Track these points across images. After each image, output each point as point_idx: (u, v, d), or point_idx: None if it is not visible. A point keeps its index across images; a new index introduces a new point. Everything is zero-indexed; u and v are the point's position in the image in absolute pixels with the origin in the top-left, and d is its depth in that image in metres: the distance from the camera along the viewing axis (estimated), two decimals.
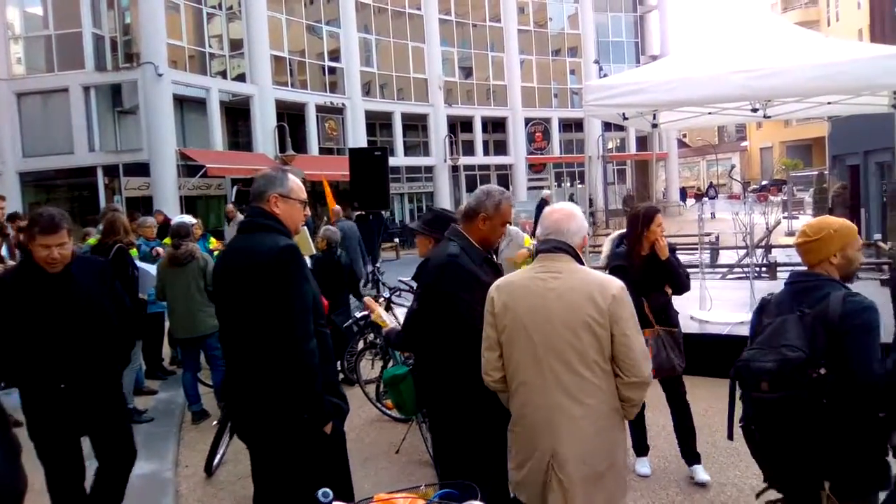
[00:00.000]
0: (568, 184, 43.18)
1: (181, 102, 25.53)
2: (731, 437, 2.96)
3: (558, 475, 2.75)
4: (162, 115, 23.66)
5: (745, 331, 3.22)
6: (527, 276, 2.94)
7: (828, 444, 2.51)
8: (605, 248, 5.57)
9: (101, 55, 24.40)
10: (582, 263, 2.93)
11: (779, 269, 12.84)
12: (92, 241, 8.19)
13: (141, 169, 23.88)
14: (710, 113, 9.93)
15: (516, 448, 2.97)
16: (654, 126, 10.95)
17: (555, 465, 2.76)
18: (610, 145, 43.23)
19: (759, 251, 13.67)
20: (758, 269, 12.53)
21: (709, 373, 6.02)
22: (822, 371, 2.51)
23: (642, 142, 43.26)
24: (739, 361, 2.74)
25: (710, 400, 5.97)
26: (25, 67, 24.63)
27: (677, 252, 5.24)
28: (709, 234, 15.95)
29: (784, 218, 21.94)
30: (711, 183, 54.00)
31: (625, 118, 9.95)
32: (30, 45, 24.71)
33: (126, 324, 3.91)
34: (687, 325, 6.18)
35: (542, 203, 18.75)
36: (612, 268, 4.92)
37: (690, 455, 4.96)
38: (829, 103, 9.34)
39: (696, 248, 11.10)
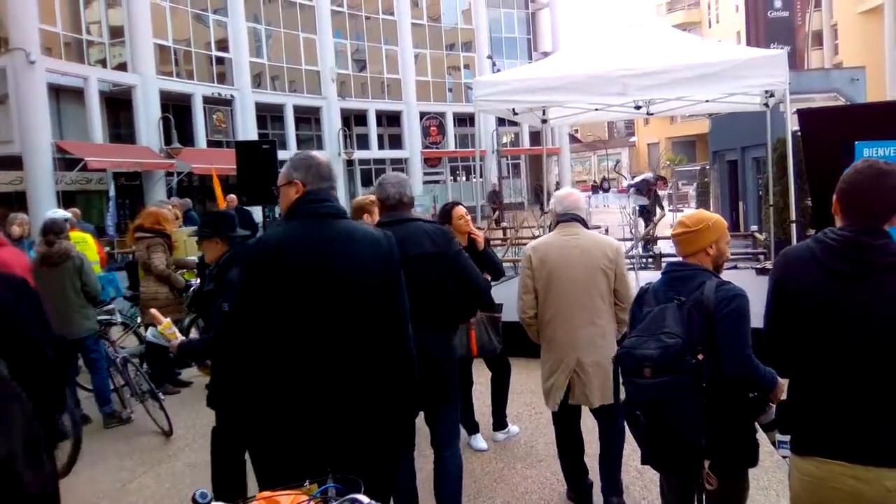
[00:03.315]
0: (463, 178, 43.59)
1: (56, 92, 24.25)
2: None
3: (580, 375, 4.03)
4: (35, 105, 22.39)
5: None
6: (555, 238, 4.16)
7: (707, 425, 2.61)
8: None
9: None
10: (588, 228, 4.24)
11: (663, 259, 13.34)
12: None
13: (13, 162, 22.51)
14: (596, 109, 10.23)
15: (546, 364, 4.17)
16: (544, 122, 11.21)
17: (578, 368, 4.03)
18: (504, 140, 43.86)
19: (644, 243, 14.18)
20: (643, 259, 12.98)
21: None
22: (700, 357, 2.60)
23: (535, 137, 44.11)
24: (622, 349, 2.81)
25: None
26: None
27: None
28: (598, 227, 16.42)
29: (669, 211, 22.84)
30: (605, 177, 55.75)
31: (515, 113, 10.17)
32: None
33: (61, 358, 3.02)
34: None
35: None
36: None
37: (500, 422, 5.61)
38: (707, 101, 9.81)
39: None
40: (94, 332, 6.51)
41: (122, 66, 26.69)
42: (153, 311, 3.97)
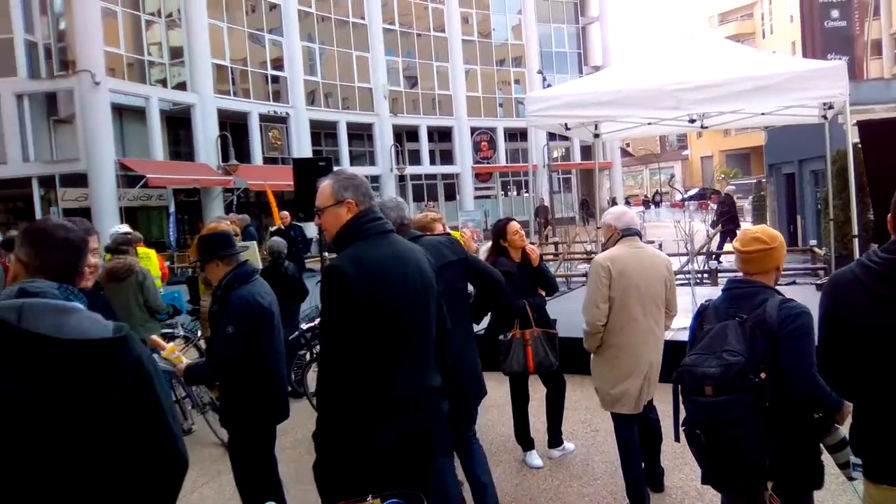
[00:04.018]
0: (514, 193, 43.56)
1: (120, 111, 25.00)
2: (677, 438, 3.07)
3: (650, 376, 4.43)
4: (100, 124, 23.14)
5: (685, 336, 3.29)
6: (625, 251, 4.46)
7: (770, 445, 2.57)
8: (481, 258, 5.90)
9: (35, 62, 23.75)
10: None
11: (720, 275, 13.11)
12: None
13: (79, 180, 23.31)
14: (649, 123, 10.13)
15: (619, 370, 4.41)
16: (596, 136, 11.13)
17: (648, 371, 4.41)
18: (555, 154, 43.73)
19: (701, 258, 13.95)
20: (699, 275, 12.78)
21: None
22: (763, 375, 2.57)
23: (587, 151, 43.87)
24: (682, 366, 2.79)
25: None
26: None
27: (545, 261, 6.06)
28: (652, 242, 16.23)
29: (705, 223, 22.44)
30: (657, 191, 55.03)
31: (567, 128, 10.11)
32: None
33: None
34: None
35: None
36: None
37: (555, 439, 5.54)
38: (763, 114, 9.64)
39: None
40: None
41: (181, 86, 27.44)
42: (154, 336, 4.04)
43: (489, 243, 5.75)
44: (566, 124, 9.85)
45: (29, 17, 23.71)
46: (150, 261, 8.33)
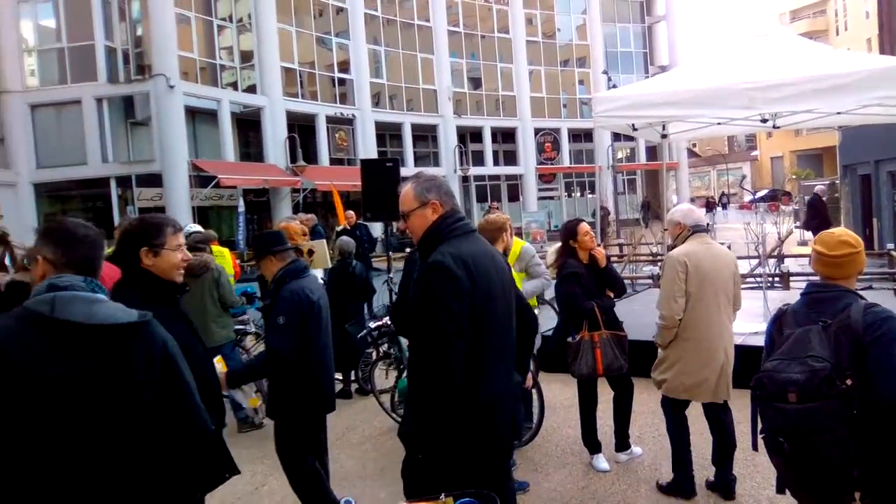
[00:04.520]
0: (578, 194, 43.21)
1: (193, 114, 25.70)
2: (755, 447, 3.02)
3: (724, 367, 4.56)
4: (174, 126, 23.86)
5: (759, 341, 3.21)
6: (698, 246, 4.61)
7: (858, 454, 2.51)
8: (549, 259, 5.79)
9: (114, 67, 24.64)
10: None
11: (792, 278, 12.80)
12: (109, 250, 8.15)
13: (154, 180, 24.07)
14: (718, 123, 9.93)
15: (696, 361, 4.54)
16: (664, 137, 10.96)
17: (724, 362, 4.55)
18: (620, 155, 43.23)
19: (772, 261, 13.62)
20: (771, 278, 12.49)
21: None
22: (849, 382, 2.52)
23: (652, 151, 43.23)
24: (762, 372, 2.74)
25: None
26: (39, 80, 24.88)
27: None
28: (722, 244, 15.96)
29: (796, 228, 21.85)
30: (724, 192, 53.86)
31: (634, 129, 10.00)
32: (43, 58, 24.95)
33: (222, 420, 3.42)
34: None
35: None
36: (566, 274, 5.28)
37: (622, 442, 5.50)
38: (838, 113, 9.34)
39: None
40: (231, 341, 6.79)
41: (251, 89, 28.09)
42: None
43: (557, 244, 5.72)
44: (633, 125, 9.74)
45: (109, 24, 24.64)
46: (224, 258, 8.56)
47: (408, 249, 9.41)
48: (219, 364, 3.91)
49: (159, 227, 2.98)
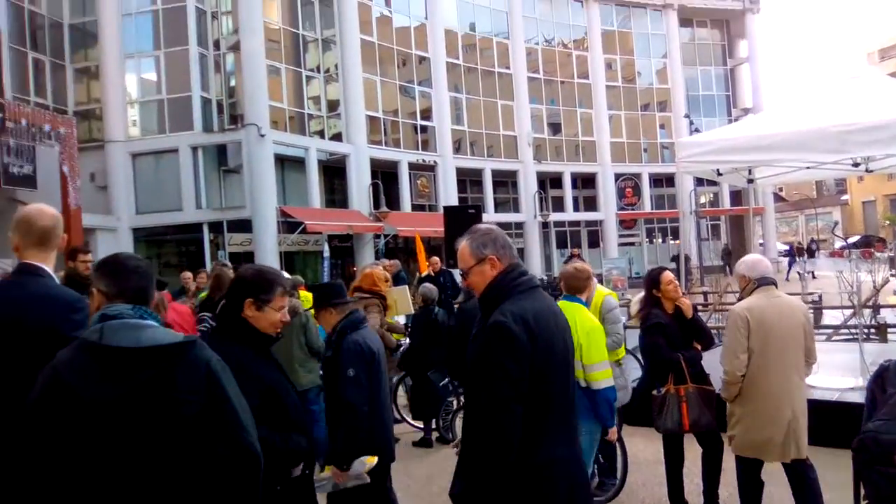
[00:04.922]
0: (660, 240, 42.55)
1: (281, 161, 26.59)
2: None
3: (792, 424, 4.40)
4: (264, 173, 24.76)
5: (855, 397, 3.13)
6: (763, 300, 4.54)
7: None
8: (633, 308, 5.76)
9: (209, 117, 25.89)
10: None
11: (889, 330, 12.28)
12: (203, 294, 8.22)
13: (244, 225, 24.96)
14: (808, 167, 9.71)
15: (761, 418, 4.45)
16: (750, 182, 10.77)
17: (791, 419, 4.39)
18: (703, 200, 42.47)
19: (867, 311, 13.12)
20: (866, 330, 12.03)
21: (816, 441, 5.81)
22: None
23: (737, 196, 42.28)
24: (864, 433, 2.66)
25: (818, 469, 5.78)
26: (140, 129, 26.37)
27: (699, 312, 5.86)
28: (811, 294, 15.45)
29: (892, 276, 20.97)
30: (813, 238, 52.12)
31: (719, 174, 9.85)
32: (144, 109, 26.49)
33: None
34: None
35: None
36: (650, 325, 5.20)
37: (711, 503, 5.27)
38: None
39: None
40: (316, 385, 6.85)
41: (337, 137, 28.97)
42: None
43: (641, 293, 5.65)
44: (718, 170, 9.62)
45: (205, 77, 25.97)
46: (310, 303, 8.85)
47: (460, 298, 9.43)
48: (370, 461, 3.90)
49: (272, 284, 3.07)
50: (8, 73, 21.51)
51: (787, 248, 43.16)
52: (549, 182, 38.75)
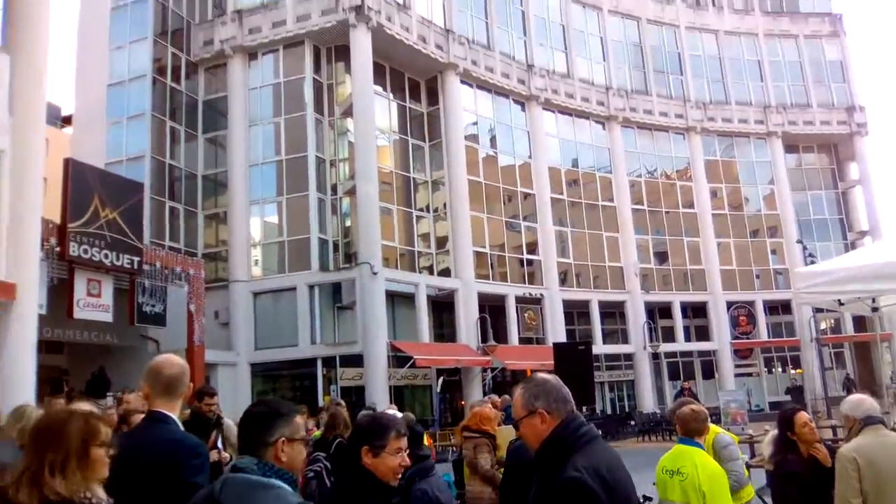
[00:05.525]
0: (779, 369, 40.63)
1: (392, 297, 27.45)
2: None
3: None
4: (376, 309, 25.60)
5: None
6: (872, 440, 4.24)
7: None
8: (765, 451, 5.35)
9: (325, 257, 27.39)
10: None
11: None
12: (317, 434, 8.38)
13: (355, 360, 25.68)
14: None
15: None
16: (875, 310, 10.40)
17: None
18: (823, 325, 40.57)
19: None
20: None
21: None
22: None
23: (860, 321, 40.17)
24: None
25: None
26: (262, 269, 28.08)
27: None
28: None
29: None
30: None
31: (840, 304, 9.53)
32: (266, 250, 28.36)
33: None
34: None
35: None
36: (782, 474, 4.90)
37: None
38: None
39: None
40: None
41: (445, 272, 29.92)
42: None
43: (771, 432, 5.38)
44: (840, 300, 9.35)
45: (322, 219, 27.69)
46: None
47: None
48: None
49: (385, 428, 3.03)
50: (148, 220, 23.63)
51: None
52: (657, 312, 38.15)
